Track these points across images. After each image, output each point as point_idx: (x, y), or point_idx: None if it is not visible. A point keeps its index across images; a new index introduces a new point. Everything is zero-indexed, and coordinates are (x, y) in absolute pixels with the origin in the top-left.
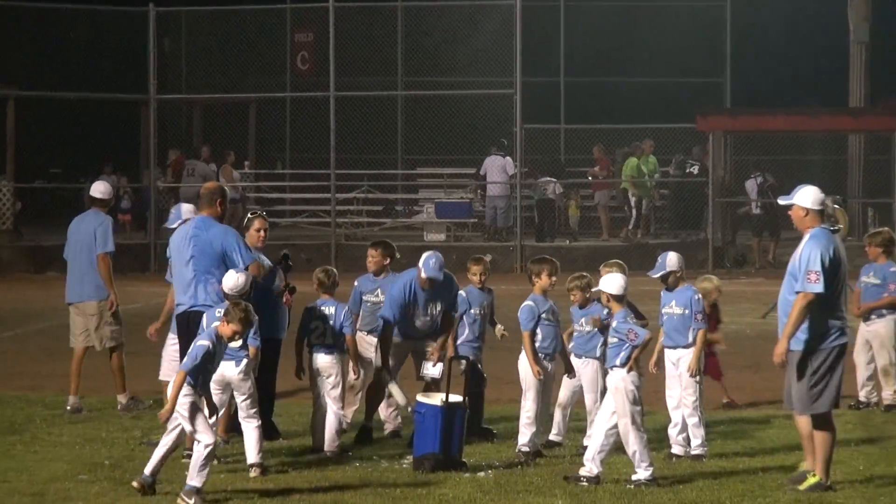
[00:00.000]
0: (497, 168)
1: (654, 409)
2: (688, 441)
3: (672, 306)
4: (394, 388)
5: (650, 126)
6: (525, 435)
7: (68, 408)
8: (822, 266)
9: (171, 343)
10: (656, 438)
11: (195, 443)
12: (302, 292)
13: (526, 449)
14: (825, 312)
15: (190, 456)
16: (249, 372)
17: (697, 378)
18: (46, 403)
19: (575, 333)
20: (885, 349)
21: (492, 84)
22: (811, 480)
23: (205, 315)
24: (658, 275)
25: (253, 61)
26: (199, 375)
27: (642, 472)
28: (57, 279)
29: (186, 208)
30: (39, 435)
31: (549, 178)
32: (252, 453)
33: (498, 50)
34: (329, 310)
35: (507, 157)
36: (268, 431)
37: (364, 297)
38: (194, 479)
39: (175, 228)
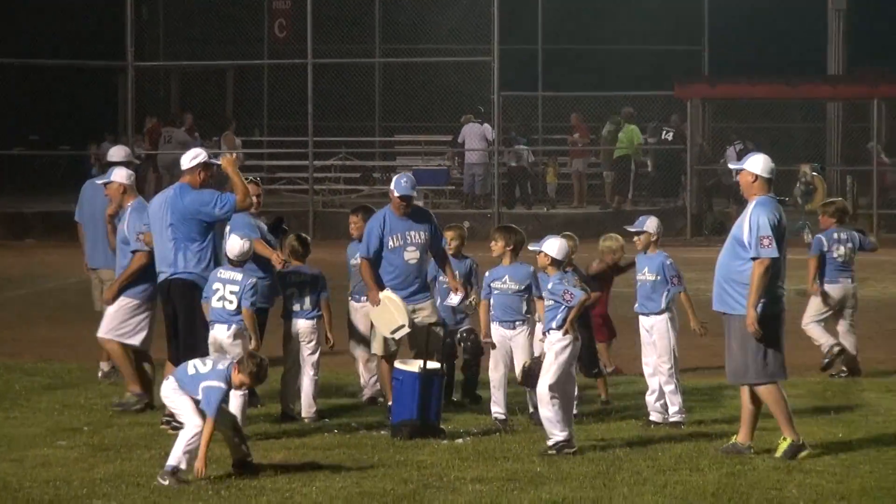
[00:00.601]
0: (475, 135)
1: (632, 375)
2: (665, 408)
3: (645, 273)
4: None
5: (628, 94)
6: (495, 402)
7: (100, 374)
8: (773, 231)
9: (122, 304)
10: (635, 405)
11: (184, 426)
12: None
13: (500, 416)
14: (774, 279)
15: (169, 423)
16: (240, 336)
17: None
18: (25, 370)
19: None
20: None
21: (469, 51)
22: (783, 445)
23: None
24: (634, 229)
25: (230, 28)
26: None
27: (557, 435)
28: (37, 247)
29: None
30: (18, 401)
31: (521, 147)
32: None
33: (475, 17)
34: (304, 276)
35: (486, 125)
36: (249, 397)
37: (351, 263)
38: (177, 459)
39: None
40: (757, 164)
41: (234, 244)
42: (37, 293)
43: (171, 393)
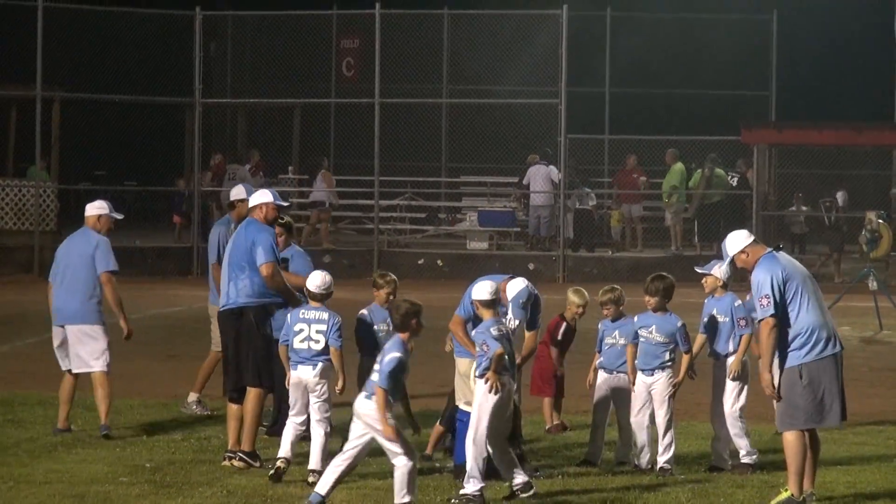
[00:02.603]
0: (541, 177)
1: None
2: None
3: (714, 313)
4: None
5: (695, 138)
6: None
7: (188, 405)
8: (771, 289)
9: None
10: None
11: (397, 464)
12: (339, 298)
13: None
14: (803, 325)
15: (231, 459)
16: (326, 376)
17: (738, 382)
18: (87, 405)
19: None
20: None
21: (537, 93)
22: (782, 495)
23: (288, 315)
24: (701, 270)
25: (298, 67)
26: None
27: (470, 487)
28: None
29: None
30: (80, 437)
31: (585, 189)
32: (315, 459)
33: (544, 60)
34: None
35: (552, 167)
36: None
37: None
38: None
39: None
40: (733, 243)
41: (316, 277)
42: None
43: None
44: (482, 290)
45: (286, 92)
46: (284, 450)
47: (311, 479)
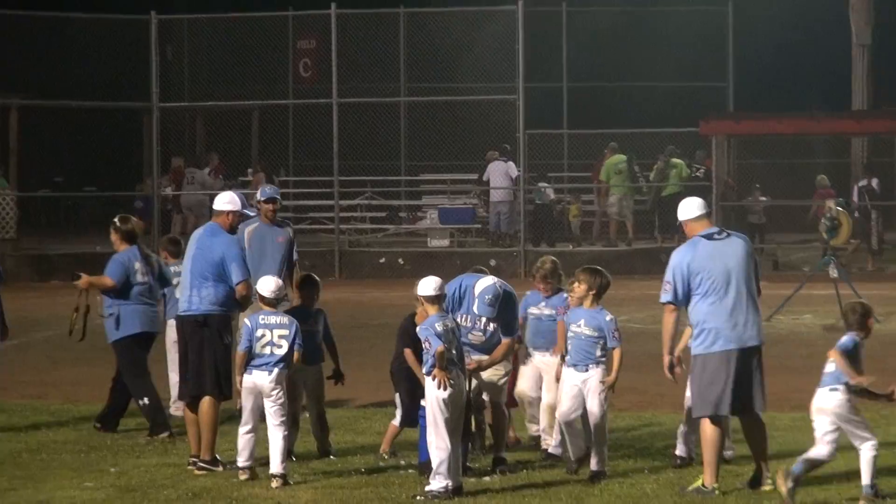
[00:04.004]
0: (500, 173)
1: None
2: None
3: None
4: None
5: (653, 130)
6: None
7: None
8: (672, 276)
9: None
10: (656, 446)
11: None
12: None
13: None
14: (706, 316)
15: (195, 463)
16: (282, 381)
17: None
18: (52, 412)
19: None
20: None
21: (495, 90)
22: (697, 482)
23: (246, 320)
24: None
25: (255, 69)
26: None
27: (435, 484)
28: (62, 288)
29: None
30: (45, 443)
31: (543, 183)
32: (275, 463)
33: (500, 56)
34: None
35: (510, 162)
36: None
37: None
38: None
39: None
40: (682, 212)
41: (269, 283)
42: (62, 335)
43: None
44: (427, 285)
45: (244, 94)
46: (242, 458)
47: (274, 485)
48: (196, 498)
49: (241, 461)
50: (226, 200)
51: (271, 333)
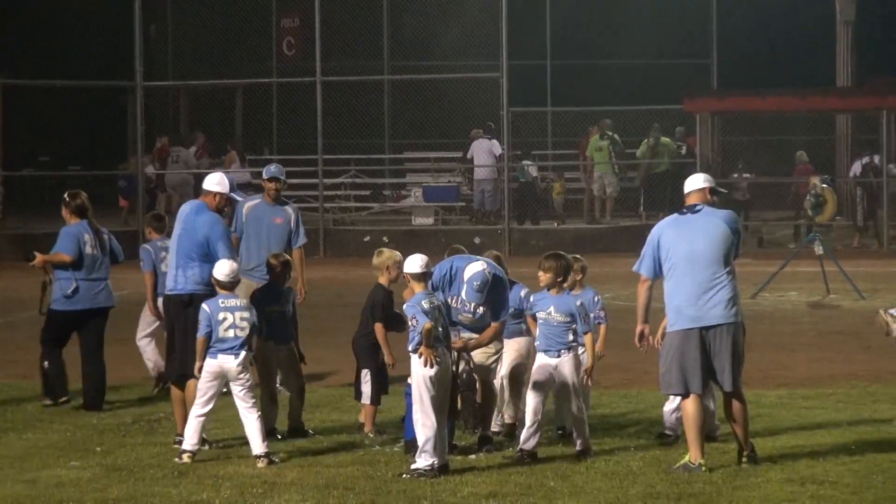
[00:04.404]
0: (484, 151)
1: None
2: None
3: None
4: None
5: (637, 108)
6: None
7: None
8: (646, 247)
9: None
10: (647, 420)
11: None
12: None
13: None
14: (677, 293)
15: (181, 443)
16: (247, 364)
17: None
18: (37, 391)
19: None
20: None
21: (478, 67)
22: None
23: (204, 305)
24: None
25: (239, 47)
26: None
27: (421, 462)
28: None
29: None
30: (30, 422)
31: (526, 161)
32: (256, 444)
33: (484, 33)
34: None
35: (494, 140)
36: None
37: None
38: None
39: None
40: (687, 185)
41: (224, 266)
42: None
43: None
44: (413, 263)
45: (228, 73)
46: (191, 442)
47: (260, 465)
48: (182, 476)
49: (190, 445)
50: (215, 181)
51: (233, 316)
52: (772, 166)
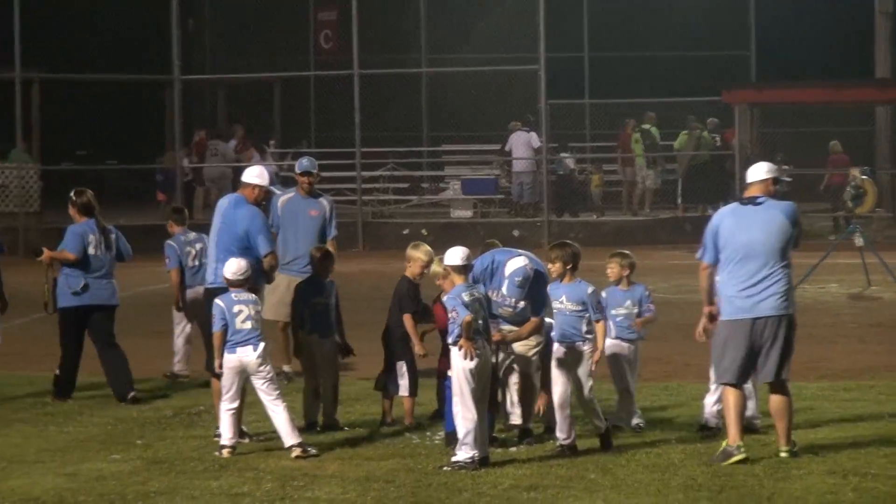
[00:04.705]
0: (522, 143)
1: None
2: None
3: None
4: None
5: (676, 100)
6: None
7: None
8: (706, 235)
9: None
10: (688, 413)
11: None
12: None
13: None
14: (723, 284)
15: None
16: (266, 356)
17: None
18: (78, 385)
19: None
20: None
21: (516, 60)
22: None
23: (218, 301)
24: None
25: (276, 41)
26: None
27: (461, 454)
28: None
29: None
30: (72, 416)
31: (564, 154)
32: (287, 435)
33: (522, 26)
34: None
35: (532, 133)
36: None
37: None
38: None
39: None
40: (750, 174)
41: (232, 265)
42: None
43: None
44: (454, 255)
45: (265, 66)
46: (227, 436)
47: (294, 455)
48: (223, 469)
49: (227, 439)
50: (255, 174)
51: (248, 308)
52: (810, 158)
